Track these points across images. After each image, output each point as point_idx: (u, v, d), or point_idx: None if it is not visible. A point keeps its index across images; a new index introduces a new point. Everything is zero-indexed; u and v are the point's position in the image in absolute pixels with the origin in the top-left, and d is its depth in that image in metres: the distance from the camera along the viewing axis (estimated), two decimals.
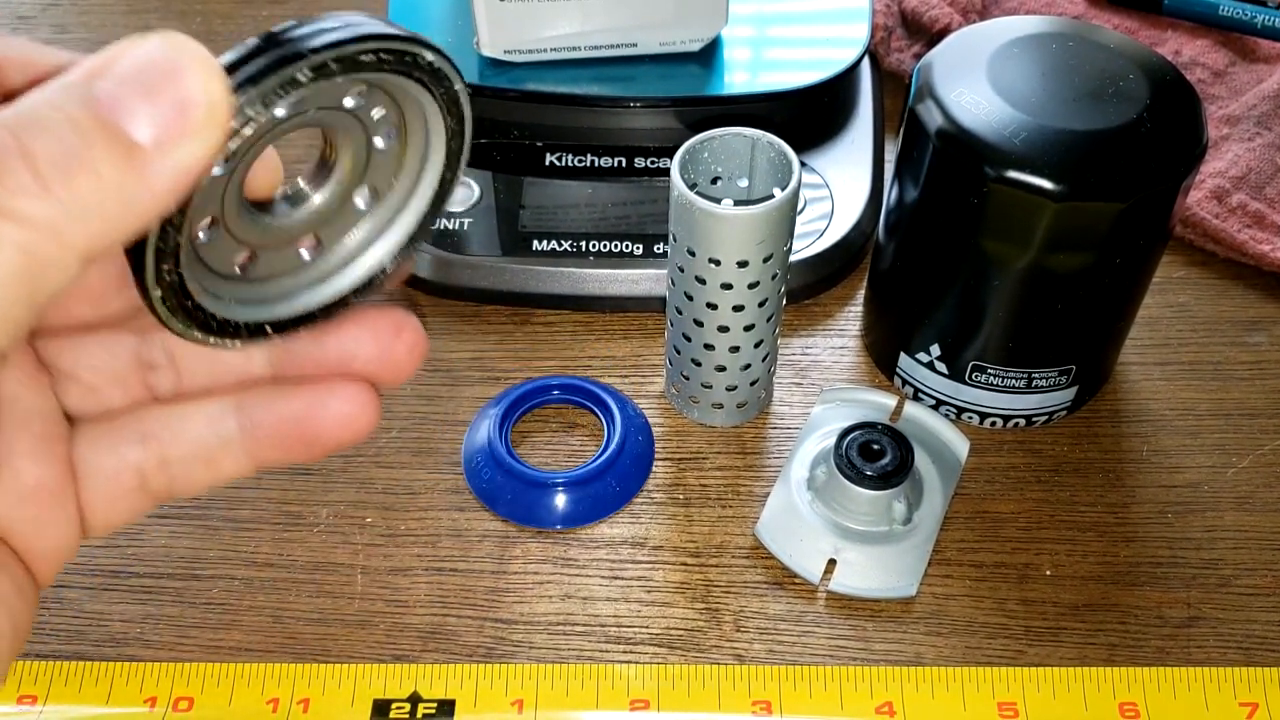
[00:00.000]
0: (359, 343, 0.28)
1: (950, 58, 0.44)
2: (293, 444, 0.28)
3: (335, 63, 0.23)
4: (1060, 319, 0.44)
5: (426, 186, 0.28)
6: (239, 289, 0.27)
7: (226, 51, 0.22)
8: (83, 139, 0.20)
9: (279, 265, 0.28)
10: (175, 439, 0.28)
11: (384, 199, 0.28)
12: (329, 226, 0.28)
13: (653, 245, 0.52)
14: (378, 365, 0.28)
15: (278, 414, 0.28)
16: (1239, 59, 0.63)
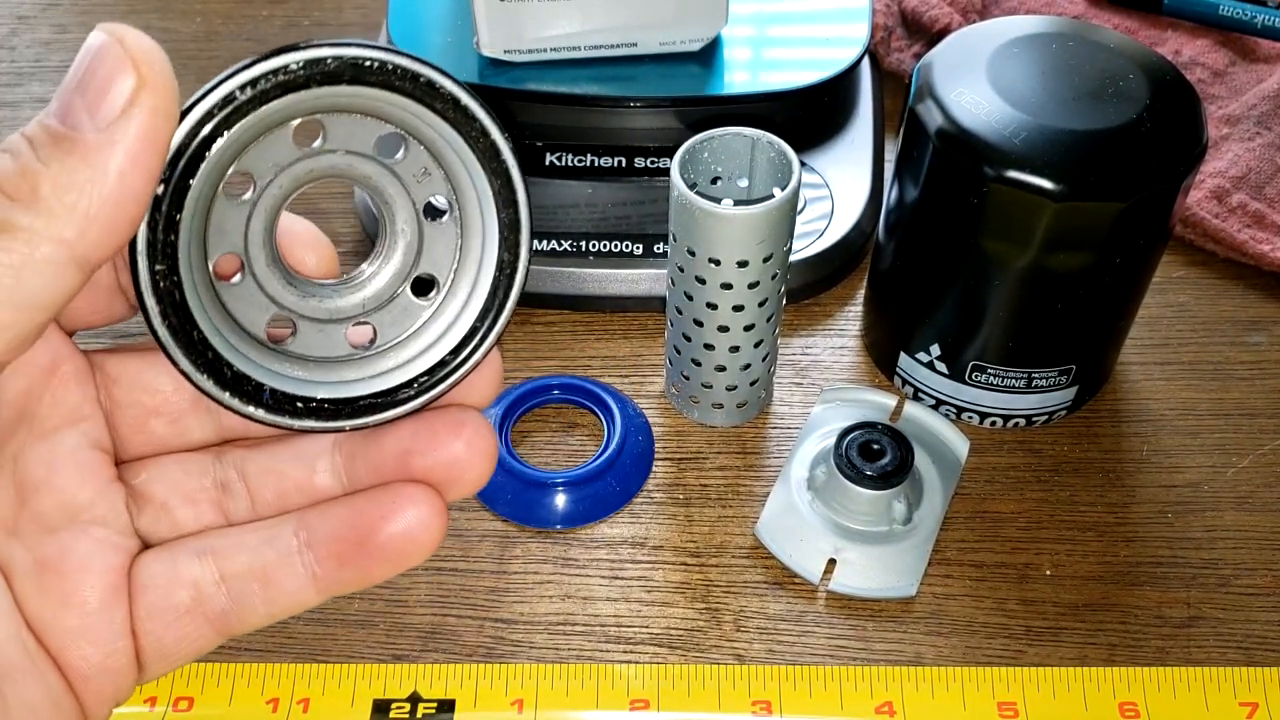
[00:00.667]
0: (416, 440, 0.26)
1: (950, 58, 0.44)
2: (352, 556, 0.26)
3: (333, 59, 0.23)
4: (1060, 319, 0.44)
5: (486, 276, 0.26)
6: (274, 359, 0.26)
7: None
8: (34, 150, 0.21)
9: (323, 346, 0.26)
10: (232, 553, 0.26)
11: (444, 289, 0.27)
12: (383, 315, 0.27)
13: (653, 245, 0.52)
14: (437, 465, 0.26)
15: (334, 521, 0.26)
16: (1239, 59, 0.63)
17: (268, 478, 0.27)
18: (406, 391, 0.26)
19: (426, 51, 0.56)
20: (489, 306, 0.26)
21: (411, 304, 0.27)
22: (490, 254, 0.26)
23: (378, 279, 0.27)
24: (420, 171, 0.26)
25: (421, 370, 0.27)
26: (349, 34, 0.67)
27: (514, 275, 0.26)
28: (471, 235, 0.26)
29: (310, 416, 0.26)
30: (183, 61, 0.65)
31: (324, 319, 0.26)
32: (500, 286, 0.26)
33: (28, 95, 0.63)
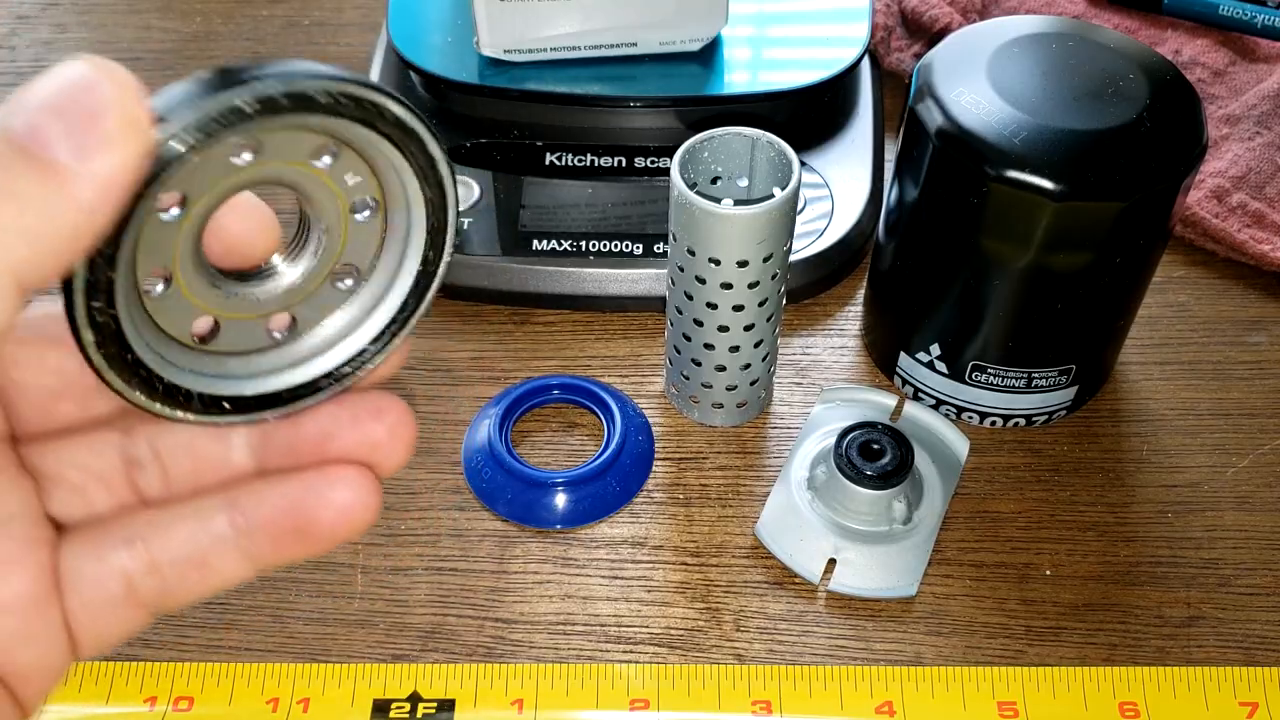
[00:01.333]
0: (337, 424, 0.26)
1: (950, 57, 0.44)
2: (288, 538, 0.26)
3: (285, 97, 0.22)
4: (1060, 319, 0.44)
5: (409, 269, 0.27)
6: (198, 359, 0.25)
7: (176, 81, 0.22)
8: (10, 176, 0.20)
9: (245, 340, 0.26)
10: (163, 540, 0.26)
11: (366, 280, 0.27)
12: (304, 306, 0.27)
13: (653, 245, 0.52)
14: (357, 450, 0.26)
15: (270, 506, 0.26)
16: (1239, 58, 0.63)
17: (181, 454, 0.27)
18: (327, 381, 0.27)
19: (427, 51, 0.56)
20: (409, 301, 0.27)
21: (331, 291, 0.27)
22: (414, 251, 0.26)
23: (298, 268, 0.27)
24: (350, 173, 0.25)
25: (341, 360, 0.27)
26: (346, 34, 0.67)
27: (435, 273, 0.27)
28: (395, 231, 0.27)
29: (236, 413, 0.26)
30: (183, 61, 0.65)
31: (246, 315, 0.26)
32: (422, 282, 0.27)
33: None
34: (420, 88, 0.58)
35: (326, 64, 0.23)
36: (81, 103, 0.21)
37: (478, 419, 0.49)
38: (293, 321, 0.27)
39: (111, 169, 0.21)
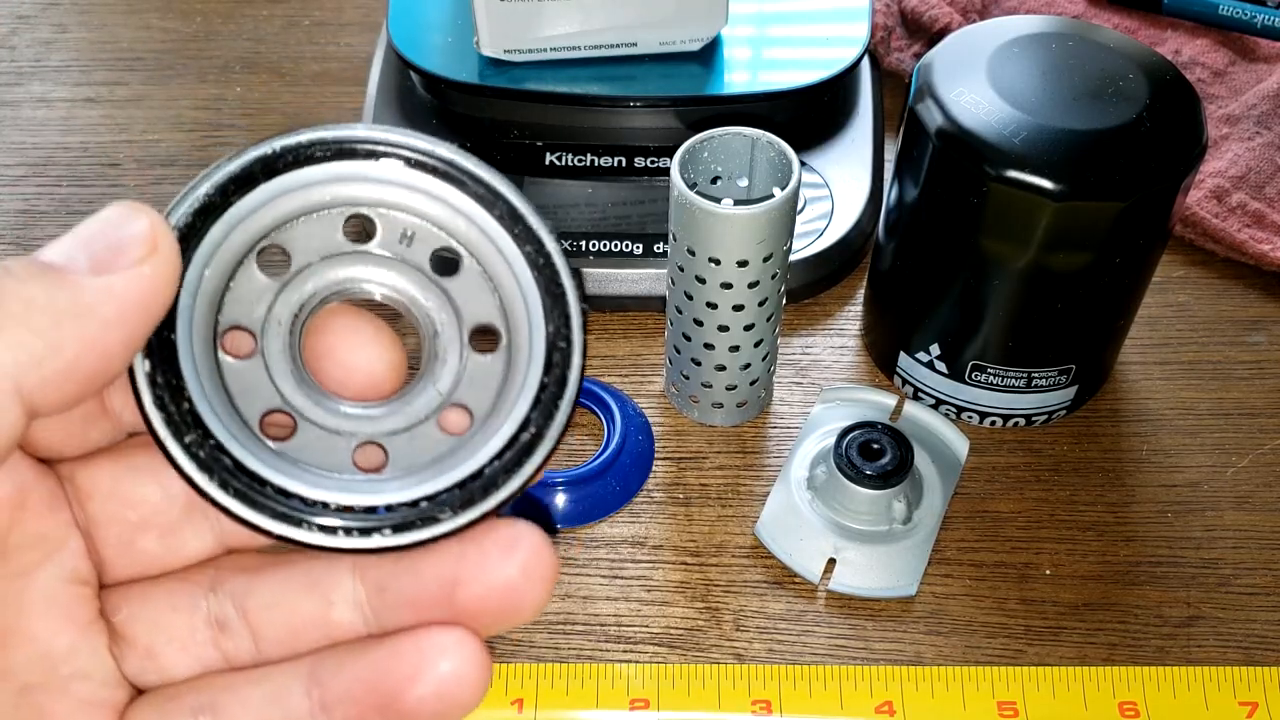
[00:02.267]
0: (461, 563, 0.22)
1: (950, 57, 0.44)
2: (367, 714, 0.22)
3: (289, 153, 0.23)
4: (1060, 318, 0.44)
5: (527, 396, 0.24)
6: (273, 459, 0.23)
7: None
8: (22, 284, 0.20)
9: (324, 457, 0.24)
10: (234, 711, 0.23)
11: (479, 422, 0.24)
12: (399, 438, 0.24)
13: (653, 245, 0.52)
14: (490, 594, 0.22)
15: (352, 674, 0.22)
16: (1239, 58, 0.63)
17: (274, 613, 0.24)
18: (440, 510, 0.23)
19: (427, 51, 0.56)
20: (529, 420, 0.24)
21: (438, 438, 0.24)
22: (533, 379, 0.24)
23: (407, 408, 0.24)
24: (474, 290, 0.24)
25: (454, 481, 0.23)
26: (347, 34, 0.67)
27: (560, 396, 0.24)
28: (517, 359, 0.24)
29: (350, 522, 0.23)
30: (183, 61, 0.65)
31: (330, 428, 0.24)
32: (542, 404, 0.24)
33: (28, 95, 0.63)
34: (420, 88, 0.58)
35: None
36: (105, 232, 0.21)
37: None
38: (385, 458, 0.24)
39: (132, 289, 0.21)
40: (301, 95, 0.63)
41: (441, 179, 0.23)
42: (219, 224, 0.23)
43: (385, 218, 0.24)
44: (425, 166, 0.23)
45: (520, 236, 0.24)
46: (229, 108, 0.63)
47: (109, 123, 0.62)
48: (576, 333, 0.24)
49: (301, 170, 0.23)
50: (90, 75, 0.65)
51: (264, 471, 0.23)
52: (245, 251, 0.24)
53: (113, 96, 0.63)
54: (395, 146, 0.23)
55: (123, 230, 0.21)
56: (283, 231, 0.24)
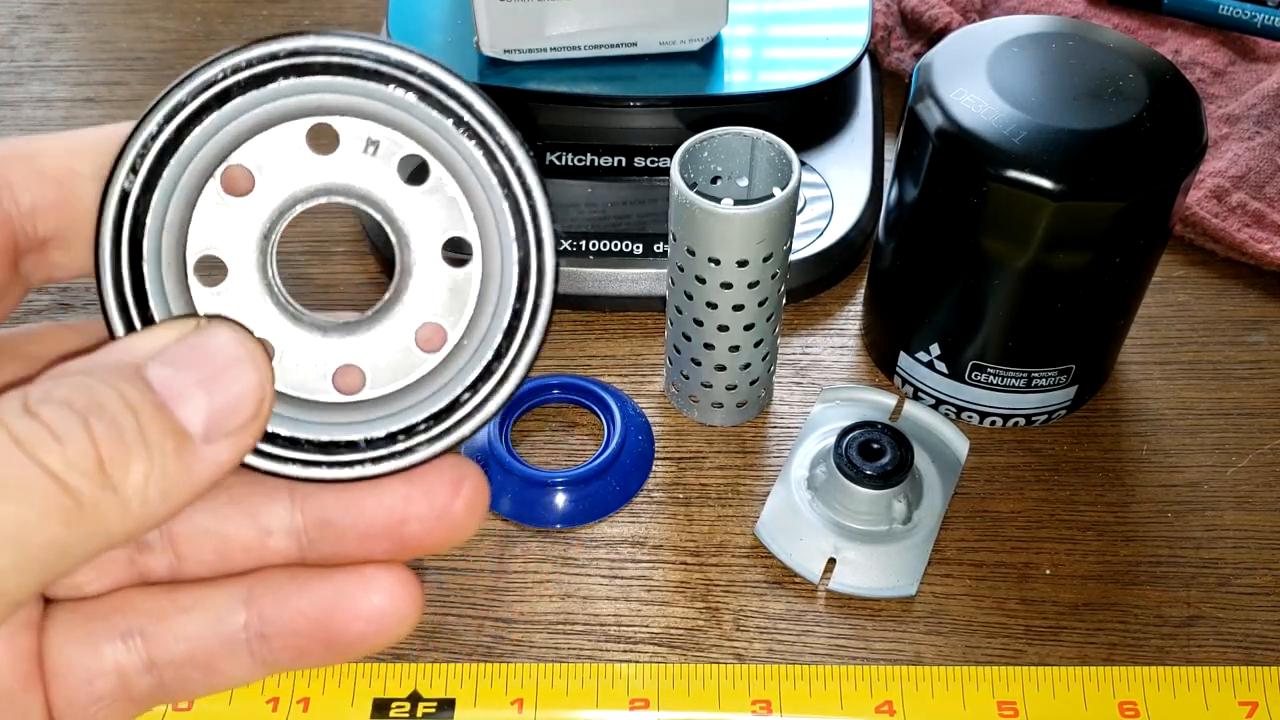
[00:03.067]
0: (410, 502, 0.23)
1: (950, 57, 0.44)
2: (311, 646, 0.23)
3: (345, 50, 0.22)
4: (1060, 318, 0.44)
5: (500, 320, 0.24)
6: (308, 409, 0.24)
7: None
8: (140, 425, 0.20)
9: (304, 383, 0.24)
10: (167, 638, 0.23)
11: (453, 340, 0.24)
12: (377, 358, 0.24)
13: (653, 245, 0.52)
14: (431, 528, 0.23)
15: (295, 608, 0.23)
16: (1238, 58, 0.63)
17: (205, 539, 0.24)
18: (404, 438, 0.23)
19: (426, 51, 0.56)
20: (503, 349, 0.24)
21: (415, 355, 0.24)
22: (505, 305, 0.24)
23: (382, 324, 0.24)
24: (445, 202, 0.24)
25: (427, 415, 0.24)
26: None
27: (533, 326, 0.24)
28: (490, 280, 0.24)
29: (295, 462, 0.23)
30: (183, 61, 0.65)
31: (308, 354, 0.24)
32: (516, 333, 0.24)
33: (27, 95, 0.63)
34: None
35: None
36: (227, 382, 0.21)
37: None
38: (363, 379, 0.24)
39: (229, 456, 0.21)
40: None
41: (403, 87, 0.23)
42: (179, 152, 0.22)
43: (348, 125, 0.23)
44: (384, 76, 0.23)
45: (489, 150, 0.23)
46: None
47: (109, 123, 0.62)
48: (549, 259, 0.23)
49: (259, 90, 0.23)
50: (90, 75, 0.65)
51: None
52: (206, 175, 0.23)
53: (112, 96, 0.63)
54: (350, 55, 0.23)
55: (242, 382, 0.21)
56: (244, 150, 0.23)
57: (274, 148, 0.23)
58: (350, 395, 0.24)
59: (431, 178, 0.24)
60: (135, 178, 0.22)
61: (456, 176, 0.24)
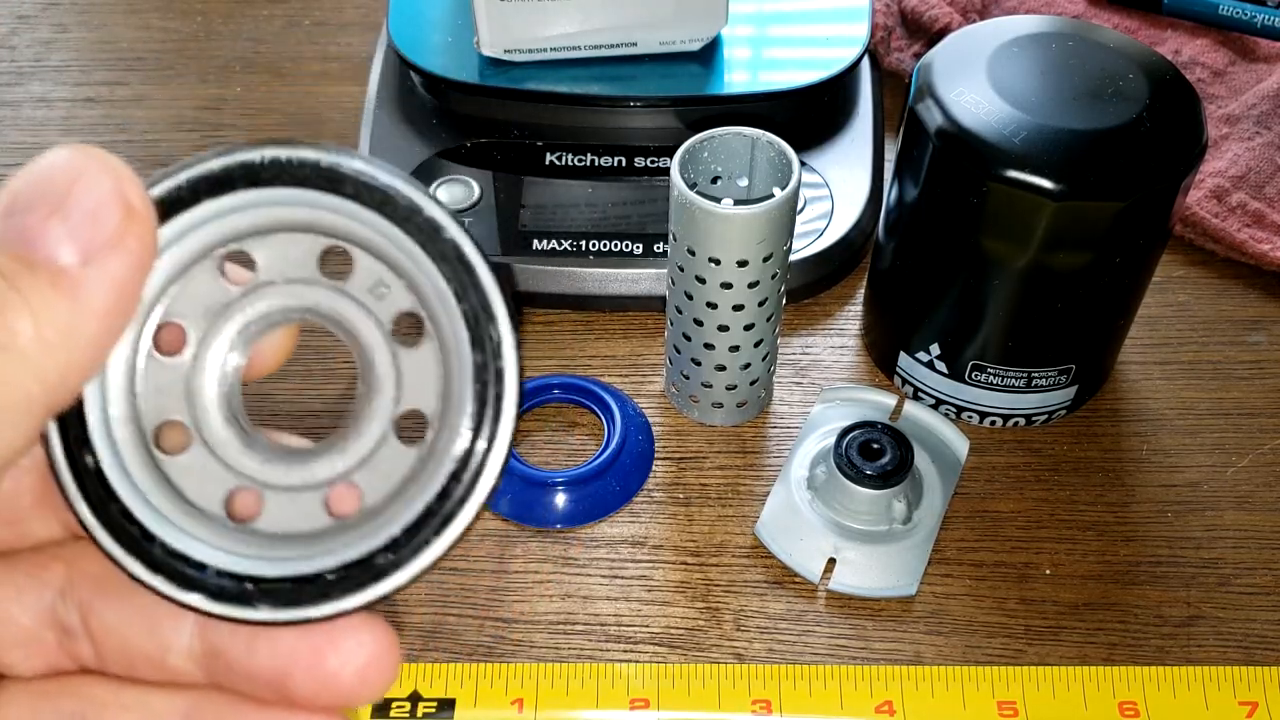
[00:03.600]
0: (295, 657, 0.22)
1: (950, 57, 0.44)
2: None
3: (269, 164, 0.21)
4: (1060, 318, 0.44)
5: (468, 387, 0.22)
6: (229, 535, 0.22)
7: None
8: (5, 280, 0.19)
9: (297, 518, 0.22)
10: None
11: (434, 424, 0.22)
12: (368, 469, 0.22)
13: (653, 245, 0.52)
14: (315, 690, 0.22)
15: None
16: (1239, 58, 0.63)
17: (113, 639, 0.23)
18: (383, 558, 0.22)
19: (427, 51, 0.56)
20: (477, 427, 0.22)
21: (399, 451, 0.22)
22: (467, 364, 0.22)
23: (361, 429, 0.22)
24: (375, 284, 0.22)
25: (395, 531, 0.22)
26: (347, 34, 0.67)
27: (501, 385, 0.22)
28: (449, 350, 0.22)
29: (262, 600, 0.22)
30: (184, 61, 0.65)
31: (297, 486, 0.22)
32: (487, 396, 0.22)
33: (28, 95, 0.63)
34: (420, 88, 0.58)
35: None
36: (79, 197, 0.19)
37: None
38: (361, 495, 0.22)
39: (122, 267, 0.20)
40: (301, 95, 0.63)
41: (424, 245, 0.22)
42: (182, 217, 0.21)
43: (366, 259, 0.22)
44: (409, 225, 0.21)
45: (479, 339, 0.21)
46: (229, 108, 0.63)
47: (109, 123, 0.62)
48: (494, 298, 0.21)
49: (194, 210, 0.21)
50: (90, 75, 0.65)
51: (154, 527, 0.22)
52: (208, 250, 0.22)
53: (113, 97, 0.63)
54: (388, 191, 0.21)
55: (92, 191, 0.19)
56: (252, 241, 0.22)
57: (286, 252, 0.22)
58: (237, 520, 0.22)
59: (421, 344, 0.22)
60: None
61: (444, 351, 0.22)
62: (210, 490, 0.22)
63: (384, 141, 0.56)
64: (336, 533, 0.22)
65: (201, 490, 0.22)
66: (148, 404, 0.22)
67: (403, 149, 0.55)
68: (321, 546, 0.22)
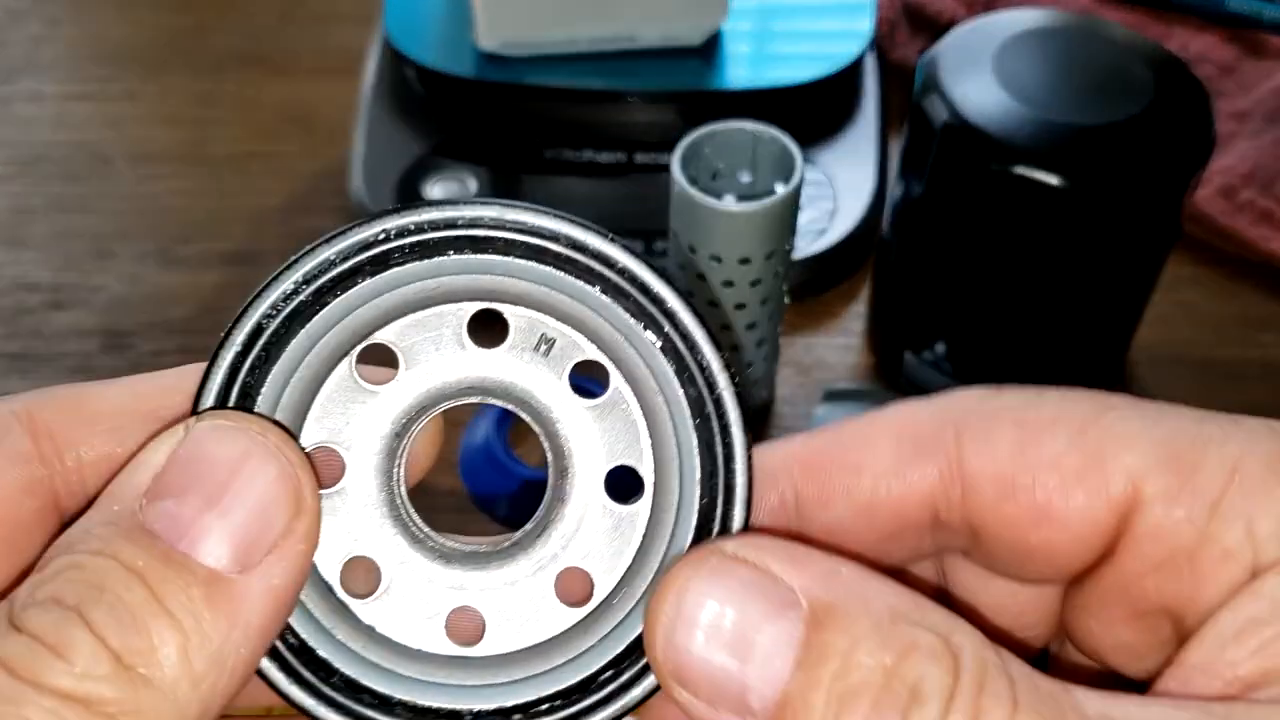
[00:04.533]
0: None
1: (956, 51, 0.43)
2: None
3: (406, 245, 0.18)
4: (1068, 316, 0.44)
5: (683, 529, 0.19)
6: (346, 627, 0.20)
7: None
8: (151, 591, 0.16)
9: (414, 624, 0.20)
10: None
11: (600, 595, 0.20)
12: (502, 601, 0.20)
13: (653, 242, 0.51)
14: None
15: None
16: (1247, 54, 0.62)
17: None
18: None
19: (423, 45, 0.55)
20: (710, 480, 0.20)
21: (552, 607, 0.20)
22: (677, 554, 0.19)
23: (517, 560, 0.20)
24: (621, 424, 0.20)
25: (554, 689, 0.19)
26: (341, 27, 0.66)
27: (725, 419, 0.20)
28: (660, 527, 0.20)
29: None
30: (176, 55, 0.65)
31: (425, 584, 0.20)
32: (714, 443, 0.20)
33: (19, 91, 0.63)
34: (416, 82, 0.57)
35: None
36: (239, 489, 0.17)
37: (476, 420, 0.48)
38: (482, 627, 0.20)
39: (288, 576, 0.17)
40: (295, 90, 0.62)
41: (598, 283, 0.19)
42: (313, 323, 0.19)
43: (520, 316, 0.20)
44: (577, 267, 0.19)
45: (685, 369, 0.19)
46: (222, 103, 0.62)
47: (101, 119, 0.61)
48: (738, 510, 0.19)
49: (422, 262, 0.19)
50: (83, 71, 0.64)
51: (334, 658, 0.19)
52: (340, 353, 0.19)
53: (105, 92, 0.62)
54: (540, 235, 0.19)
55: (259, 485, 0.17)
56: (390, 329, 0.20)
57: (427, 330, 0.20)
58: (464, 648, 0.20)
59: (610, 390, 0.20)
60: (250, 351, 0.19)
61: (639, 395, 0.20)
62: (329, 547, 0.19)
63: (379, 136, 0.55)
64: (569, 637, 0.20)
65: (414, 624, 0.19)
66: (316, 415, 0.19)
67: (398, 144, 0.54)
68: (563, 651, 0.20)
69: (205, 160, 0.59)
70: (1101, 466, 0.19)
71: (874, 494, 0.20)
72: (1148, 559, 0.19)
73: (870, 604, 0.17)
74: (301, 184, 0.57)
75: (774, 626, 0.17)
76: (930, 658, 0.16)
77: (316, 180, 0.57)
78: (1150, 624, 0.20)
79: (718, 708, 0.17)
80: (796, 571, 0.17)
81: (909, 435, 0.20)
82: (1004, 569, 0.21)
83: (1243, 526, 0.19)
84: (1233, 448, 0.19)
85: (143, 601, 0.16)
